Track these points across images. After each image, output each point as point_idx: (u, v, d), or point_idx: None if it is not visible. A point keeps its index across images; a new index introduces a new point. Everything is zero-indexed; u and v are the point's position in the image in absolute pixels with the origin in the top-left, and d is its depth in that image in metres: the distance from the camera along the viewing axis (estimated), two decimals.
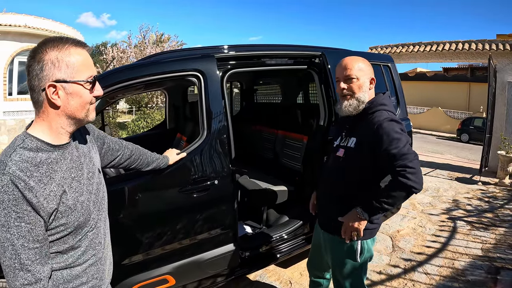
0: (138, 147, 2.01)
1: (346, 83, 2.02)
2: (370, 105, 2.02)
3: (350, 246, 2.05)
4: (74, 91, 1.19)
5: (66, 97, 1.18)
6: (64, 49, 1.17)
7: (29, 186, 1.08)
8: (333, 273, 2.23)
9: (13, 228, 1.06)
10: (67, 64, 1.16)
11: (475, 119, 21.12)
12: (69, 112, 1.20)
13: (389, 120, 1.90)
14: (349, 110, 2.02)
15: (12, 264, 1.07)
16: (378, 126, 1.88)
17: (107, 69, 15.32)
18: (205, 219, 2.63)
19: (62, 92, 1.17)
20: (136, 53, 18.09)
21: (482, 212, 5.61)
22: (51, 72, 1.14)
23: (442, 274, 3.58)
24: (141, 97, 18.19)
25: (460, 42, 10.04)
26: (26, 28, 14.20)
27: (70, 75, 1.17)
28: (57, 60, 1.15)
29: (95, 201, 1.36)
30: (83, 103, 1.22)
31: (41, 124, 1.20)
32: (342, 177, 2.04)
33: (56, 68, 1.14)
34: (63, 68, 1.15)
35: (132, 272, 2.40)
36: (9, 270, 1.08)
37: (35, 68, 1.14)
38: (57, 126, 1.21)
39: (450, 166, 9.74)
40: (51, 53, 1.15)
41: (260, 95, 6.06)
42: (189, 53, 2.91)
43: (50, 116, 1.19)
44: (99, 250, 1.38)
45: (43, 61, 1.14)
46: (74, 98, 1.19)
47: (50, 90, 1.15)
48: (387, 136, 1.83)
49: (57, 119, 1.20)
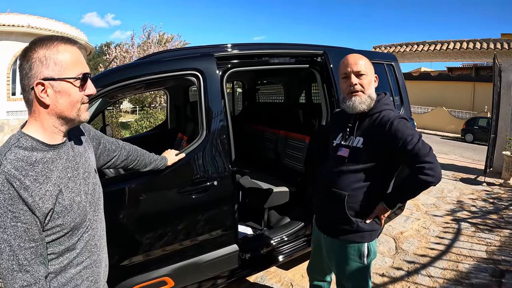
0: (136, 148, 1.99)
1: (358, 78, 1.97)
2: (376, 104, 1.99)
3: (357, 249, 2.01)
4: (63, 89, 1.16)
5: (54, 95, 1.16)
6: (52, 47, 1.15)
7: (24, 185, 1.07)
8: (338, 277, 2.17)
9: (9, 228, 1.04)
10: (55, 62, 1.14)
11: (479, 119, 21.08)
12: (58, 111, 1.18)
13: (400, 118, 1.89)
14: (362, 107, 1.96)
15: (9, 266, 1.05)
16: (390, 124, 1.86)
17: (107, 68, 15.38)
18: (204, 220, 2.60)
19: (51, 90, 1.15)
20: (140, 53, 18.14)
21: (487, 213, 5.55)
22: (39, 70, 1.12)
23: (446, 277, 3.53)
24: (145, 97, 18.27)
25: (465, 41, 10.00)
26: (29, 28, 14.34)
27: (58, 73, 1.15)
28: (45, 58, 1.13)
29: (91, 202, 1.34)
30: (73, 101, 1.19)
31: (34, 123, 1.19)
32: (347, 177, 1.98)
33: (44, 66, 1.13)
34: (51, 66, 1.13)
35: (130, 274, 2.38)
36: (6, 272, 1.06)
37: (25, 67, 1.13)
38: (49, 125, 1.19)
39: (454, 166, 9.69)
40: (39, 51, 1.13)
41: (262, 94, 6.05)
42: (188, 52, 2.88)
43: (41, 115, 1.17)
44: (94, 252, 1.36)
45: (32, 59, 1.13)
46: (63, 96, 1.17)
47: (38, 89, 1.13)
48: (401, 134, 1.82)
49: (48, 119, 1.18)
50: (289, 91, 5.27)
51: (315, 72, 3.38)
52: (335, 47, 3.68)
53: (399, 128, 1.84)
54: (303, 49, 3.36)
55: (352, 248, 2.02)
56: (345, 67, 2.01)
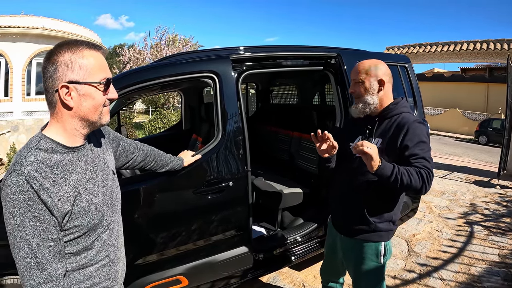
0: (154, 149, 2.02)
1: (354, 86, 2.06)
2: (394, 107, 2.01)
3: (374, 248, 2.03)
4: (87, 93, 1.19)
5: (78, 98, 1.18)
6: (77, 51, 1.18)
7: (43, 186, 1.09)
8: (354, 277, 2.18)
9: (28, 227, 1.07)
10: (80, 66, 1.17)
11: (493, 121, 20.79)
12: (82, 113, 1.20)
13: (419, 122, 1.92)
14: (356, 113, 2.08)
15: (28, 263, 1.08)
16: (408, 126, 1.89)
17: (123, 70, 15.49)
18: (219, 220, 2.63)
19: (75, 93, 1.17)
20: (153, 54, 18.22)
21: (500, 216, 5.48)
22: (64, 73, 1.15)
23: (458, 280, 3.51)
24: (158, 98, 18.36)
25: (478, 42, 9.90)
26: (44, 30, 14.51)
27: (83, 77, 1.17)
28: (71, 62, 1.16)
29: (109, 203, 1.37)
30: (96, 105, 1.22)
31: (55, 125, 1.21)
32: (364, 178, 1.99)
33: (69, 69, 1.15)
34: (76, 70, 1.16)
35: (145, 272, 2.43)
36: (24, 269, 1.09)
37: (50, 69, 1.16)
38: (71, 128, 1.22)
39: (468, 169, 9.56)
40: (65, 55, 1.16)
41: (276, 96, 6.05)
42: (204, 55, 2.91)
43: (64, 117, 1.20)
44: (112, 251, 1.38)
45: (57, 62, 1.15)
46: (86, 99, 1.20)
47: (63, 91, 1.16)
48: (417, 137, 1.85)
49: (70, 121, 1.21)
50: (302, 92, 5.28)
51: (329, 74, 3.39)
52: (349, 49, 3.69)
53: (417, 132, 1.86)
54: (317, 51, 3.37)
55: (369, 247, 2.04)
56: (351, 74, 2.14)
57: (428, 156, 1.83)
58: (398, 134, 1.90)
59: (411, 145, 1.84)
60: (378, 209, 2.00)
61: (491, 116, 23.26)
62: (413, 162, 1.81)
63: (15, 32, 13.94)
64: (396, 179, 1.74)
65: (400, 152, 1.87)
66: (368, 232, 2.03)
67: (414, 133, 1.86)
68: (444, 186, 7.34)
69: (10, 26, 13.79)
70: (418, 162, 1.79)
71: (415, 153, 1.82)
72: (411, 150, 1.83)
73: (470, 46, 9.82)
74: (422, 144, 1.85)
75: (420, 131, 1.88)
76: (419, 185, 1.76)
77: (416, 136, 1.85)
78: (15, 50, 14.15)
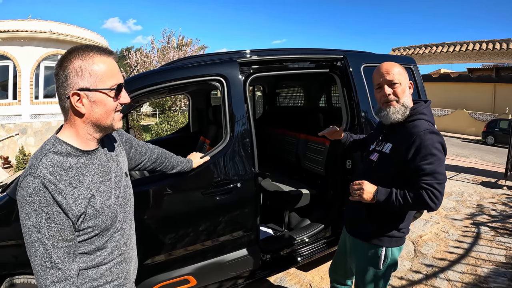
0: (164, 150, 2.06)
1: (391, 88, 1.95)
2: (412, 112, 1.95)
3: (374, 252, 2.02)
4: (98, 99, 1.21)
5: (90, 105, 1.20)
6: (88, 58, 1.19)
7: (59, 189, 1.13)
8: (356, 280, 2.20)
9: (43, 228, 1.10)
10: (90, 73, 1.18)
11: (500, 121, 20.64)
12: (94, 119, 1.23)
13: (430, 132, 1.81)
14: (397, 117, 1.94)
15: (42, 263, 1.11)
16: (417, 136, 1.80)
17: (131, 73, 15.59)
18: (227, 221, 2.66)
19: (86, 100, 1.19)
20: (160, 58, 18.28)
21: (507, 217, 5.46)
22: (74, 81, 1.17)
23: (464, 281, 3.51)
24: (165, 100, 18.40)
25: (484, 42, 9.87)
26: (51, 34, 14.61)
27: (93, 84, 1.19)
28: (81, 69, 1.17)
29: (122, 204, 1.40)
30: (108, 110, 1.24)
31: (69, 130, 1.24)
32: (373, 181, 1.93)
33: (79, 77, 1.17)
34: (86, 77, 1.18)
35: (154, 272, 2.46)
36: (39, 268, 1.12)
37: (61, 76, 1.18)
38: (84, 133, 1.24)
39: (475, 170, 9.52)
40: (75, 62, 1.17)
41: (283, 98, 6.08)
42: (212, 58, 2.95)
43: (77, 123, 1.23)
44: (124, 251, 1.42)
45: (68, 70, 1.17)
46: (98, 106, 1.21)
47: (74, 98, 1.18)
48: (425, 149, 1.76)
49: (83, 126, 1.23)
50: (309, 95, 5.31)
51: (335, 77, 3.41)
52: (355, 51, 3.71)
53: (426, 143, 1.77)
54: (323, 54, 3.39)
55: (369, 250, 2.04)
56: (378, 77, 1.99)
57: (436, 170, 1.74)
58: (406, 144, 1.83)
59: (419, 158, 1.77)
60: (381, 212, 1.97)
61: (498, 116, 23.08)
62: (418, 180, 1.76)
63: (22, 36, 14.02)
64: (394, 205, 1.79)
65: (407, 164, 1.82)
66: (369, 235, 2.04)
67: (423, 144, 1.77)
68: (451, 187, 7.31)
69: (18, 30, 13.89)
70: (423, 181, 1.74)
71: (421, 169, 1.75)
72: (418, 165, 1.76)
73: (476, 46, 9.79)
74: (431, 157, 1.75)
75: (431, 142, 1.77)
76: (421, 207, 1.77)
77: (424, 148, 1.77)
78: (23, 54, 14.25)
